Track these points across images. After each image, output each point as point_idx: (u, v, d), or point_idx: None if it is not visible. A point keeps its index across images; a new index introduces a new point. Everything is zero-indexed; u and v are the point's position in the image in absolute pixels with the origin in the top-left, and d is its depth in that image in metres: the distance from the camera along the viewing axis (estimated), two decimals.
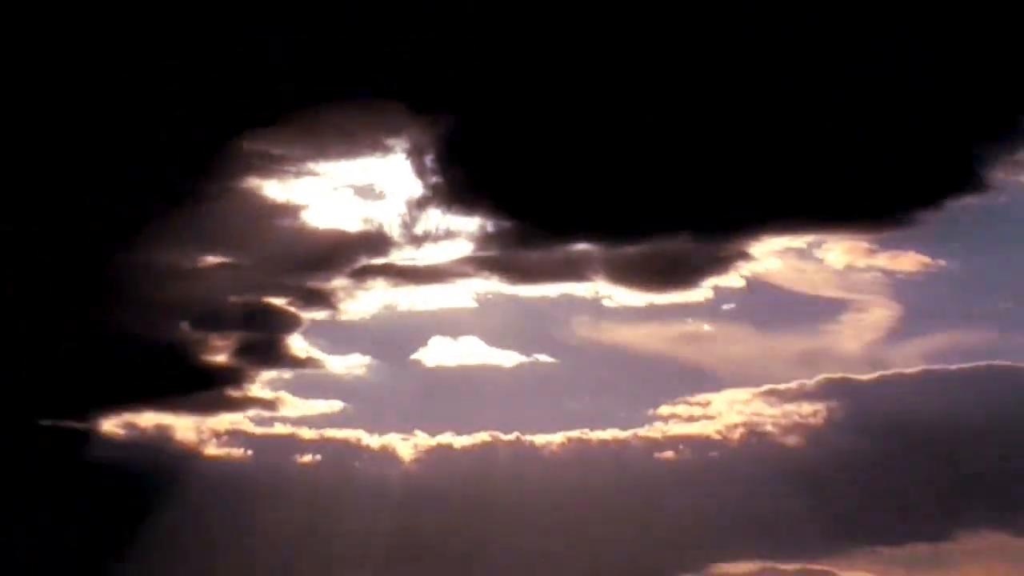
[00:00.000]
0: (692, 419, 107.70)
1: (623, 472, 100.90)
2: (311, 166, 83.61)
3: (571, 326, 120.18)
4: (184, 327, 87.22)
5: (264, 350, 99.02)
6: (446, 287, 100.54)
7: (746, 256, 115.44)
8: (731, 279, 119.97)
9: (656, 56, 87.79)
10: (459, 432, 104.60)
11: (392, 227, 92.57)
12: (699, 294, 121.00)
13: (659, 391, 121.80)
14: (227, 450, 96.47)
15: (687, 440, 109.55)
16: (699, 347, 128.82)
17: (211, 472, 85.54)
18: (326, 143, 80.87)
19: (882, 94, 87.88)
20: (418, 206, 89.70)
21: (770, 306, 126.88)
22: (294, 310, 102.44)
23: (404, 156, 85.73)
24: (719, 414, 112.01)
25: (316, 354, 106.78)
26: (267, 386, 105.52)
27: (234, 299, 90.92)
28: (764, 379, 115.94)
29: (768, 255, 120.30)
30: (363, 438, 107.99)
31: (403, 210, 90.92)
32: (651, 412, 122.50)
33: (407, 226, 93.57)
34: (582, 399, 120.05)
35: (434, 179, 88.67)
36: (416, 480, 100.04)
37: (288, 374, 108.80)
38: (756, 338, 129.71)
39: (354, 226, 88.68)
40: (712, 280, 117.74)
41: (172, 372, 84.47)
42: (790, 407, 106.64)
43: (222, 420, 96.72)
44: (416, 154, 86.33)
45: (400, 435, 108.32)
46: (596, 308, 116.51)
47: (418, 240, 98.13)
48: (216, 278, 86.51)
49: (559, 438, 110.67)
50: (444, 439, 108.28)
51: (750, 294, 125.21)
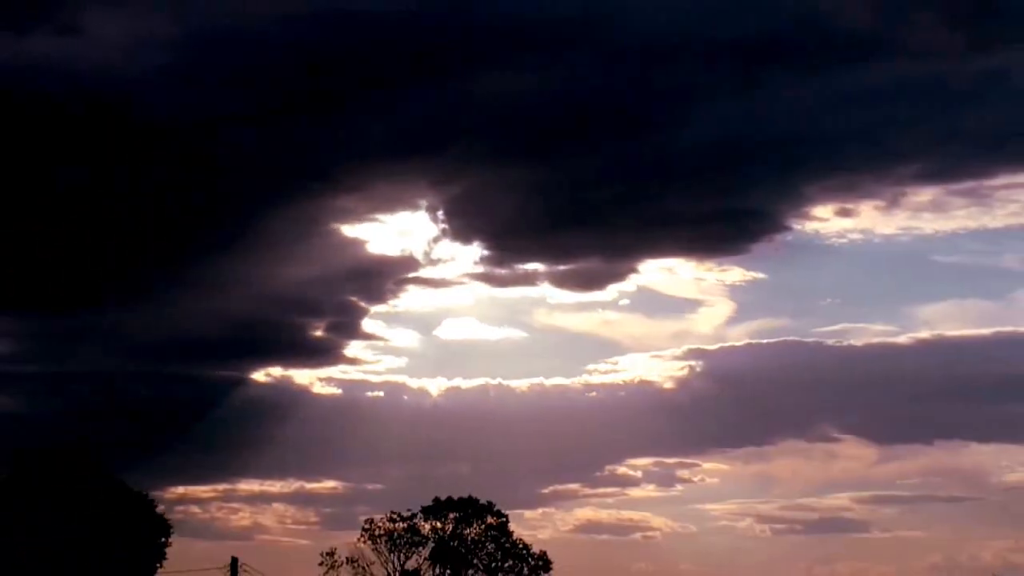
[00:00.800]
0: (607, 373, 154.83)
1: (566, 405, 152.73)
2: (371, 216, 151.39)
3: (530, 313, 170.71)
4: (297, 314, 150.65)
5: (347, 329, 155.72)
6: (453, 290, 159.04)
7: (636, 271, 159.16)
8: (628, 285, 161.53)
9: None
10: (465, 378, 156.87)
11: (419, 253, 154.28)
12: (607, 294, 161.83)
13: (586, 355, 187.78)
14: (327, 389, 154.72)
15: (604, 387, 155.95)
16: (610, 327, 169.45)
17: (317, 402, 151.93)
18: (380, 203, 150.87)
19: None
20: (434, 240, 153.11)
21: (652, 302, 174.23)
22: (363, 304, 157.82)
23: (425, 211, 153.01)
24: (624, 370, 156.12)
25: (378, 331, 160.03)
26: (350, 350, 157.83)
27: (326, 297, 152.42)
28: (651, 348, 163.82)
29: (651, 270, 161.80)
30: (407, 381, 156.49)
31: (425, 243, 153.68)
32: (582, 368, 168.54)
33: (428, 253, 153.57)
34: (539, 359, 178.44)
35: (443, 225, 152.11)
36: (439, 408, 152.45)
37: (362, 343, 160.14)
38: (645, 323, 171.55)
39: (395, 252, 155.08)
40: (615, 285, 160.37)
41: (292, 342, 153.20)
42: (667, 365, 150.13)
43: (323, 371, 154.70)
44: (432, 209, 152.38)
45: (429, 379, 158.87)
46: (544, 303, 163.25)
47: (435, 262, 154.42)
48: (315, 284, 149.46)
49: (525, 383, 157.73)
50: (455, 383, 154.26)
51: (639, 295, 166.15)
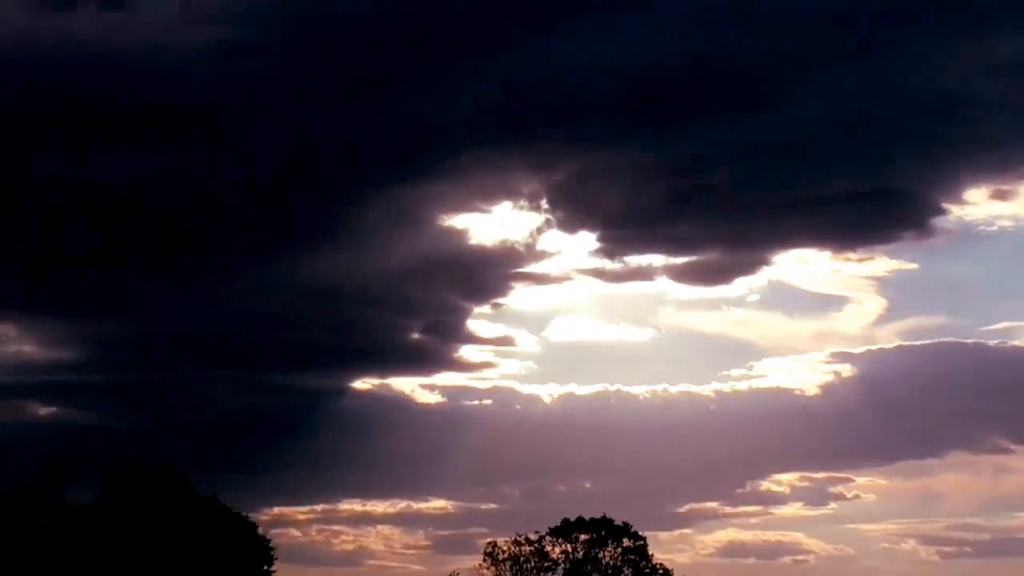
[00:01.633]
0: (740, 379, 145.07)
1: (697, 414, 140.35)
2: (468, 206, 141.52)
3: (650, 312, 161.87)
4: (393, 316, 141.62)
5: (449, 331, 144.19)
6: (562, 286, 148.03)
7: (768, 263, 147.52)
8: (758, 279, 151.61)
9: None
10: (579, 384, 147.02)
11: (523, 247, 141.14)
12: (733, 289, 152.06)
13: (717, 358, 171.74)
14: (430, 398, 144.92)
15: (739, 394, 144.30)
16: (743, 328, 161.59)
17: (420, 413, 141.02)
18: (476, 191, 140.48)
19: None
20: (538, 232, 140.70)
21: (788, 299, 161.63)
22: (466, 303, 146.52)
23: (527, 199, 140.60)
24: (761, 375, 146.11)
25: (483, 333, 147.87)
26: (453, 354, 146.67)
27: (424, 296, 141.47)
28: (791, 351, 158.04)
29: (785, 262, 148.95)
30: (516, 387, 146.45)
31: (529, 235, 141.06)
32: (713, 373, 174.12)
33: (532, 246, 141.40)
34: (663, 363, 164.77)
35: (548, 215, 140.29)
36: (553, 417, 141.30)
37: (466, 347, 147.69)
38: (784, 322, 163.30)
39: (497, 246, 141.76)
40: (743, 279, 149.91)
41: (390, 345, 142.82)
42: (811, 370, 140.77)
43: (424, 379, 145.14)
44: (535, 198, 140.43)
45: (540, 385, 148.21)
46: (663, 299, 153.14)
47: (540, 256, 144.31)
48: (411, 282, 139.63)
49: (646, 390, 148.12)
50: (568, 388, 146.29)
51: (771, 289, 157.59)
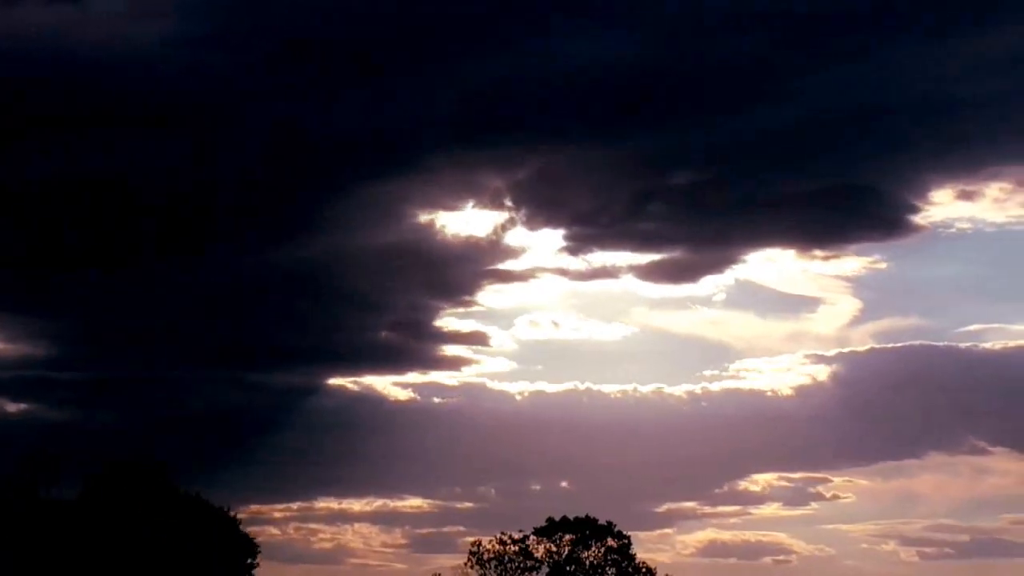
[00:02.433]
0: (712, 380, 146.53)
1: (671, 414, 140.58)
2: (434, 204, 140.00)
3: (621, 311, 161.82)
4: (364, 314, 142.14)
5: (419, 328, 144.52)
6: (529, 284, 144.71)
7: (741, 261, 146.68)
8: (725, 278, 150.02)
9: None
10: (550, 382, 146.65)
11: (489, 244, 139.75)
12: (700, 288, 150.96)
13: (688, 358, 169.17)
14: (402, 396, 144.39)
15: (713, 394, 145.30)
16: (715, 328, 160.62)
17: (392, 411, 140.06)
18: (442, 189, 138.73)
19: None
20: (503, 229, 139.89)
21: (759, 299, 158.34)
22: (435, 301, 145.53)
23: (493, 196, 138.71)
24: (736, 375, 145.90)
25: (453, 331, 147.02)
26: (423, 352, 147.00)
27: (394, 294, 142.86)
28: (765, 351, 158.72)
29: (755, 261, 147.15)
30: (489, 384, 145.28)
31: (495, 233, 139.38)
32: (685, 372, 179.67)
33: (497, 243, 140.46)
34: (633, 362, 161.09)
35: (514, 212, 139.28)
36: (525, 415, 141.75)
37: (436, 345, 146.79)
38: (757, 323, 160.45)
39: (464, 243, 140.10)
40: (712, 278, 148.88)
41: (361, 343, 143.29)
42: (786, 371, 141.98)
43: (396, 377, 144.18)
44: (501, 195, 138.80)
45: (511, 384, 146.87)
46: (632, 298, 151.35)
47: (507, 253, 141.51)
48: (381, 280, 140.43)
49: (617, 389, 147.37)
50: (538, 386, 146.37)
51: (739, 289, 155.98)
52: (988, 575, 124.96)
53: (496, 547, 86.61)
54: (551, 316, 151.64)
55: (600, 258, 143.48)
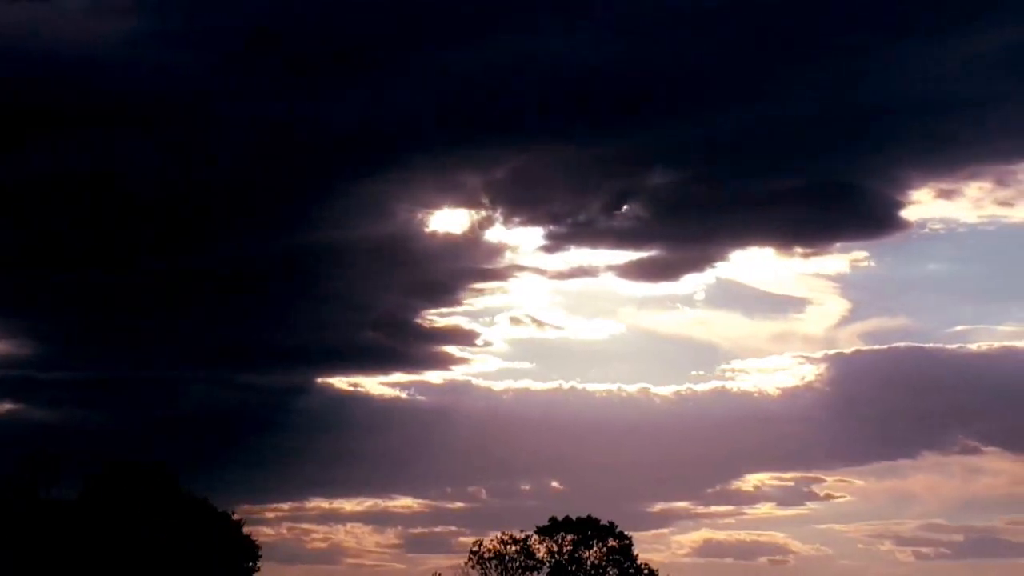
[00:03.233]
0: (697, 381, 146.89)
1: (658, 414, 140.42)
2: (412, 203, 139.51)
3: (604, 310, 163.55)
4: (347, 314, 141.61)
5: (403, 328, 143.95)
6: (509, 283, 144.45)
7: (725, 259, 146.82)
8: (707, 276, 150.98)
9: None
10: (534, 380, 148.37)
11: (468, 243, 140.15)
12: (681, 286, 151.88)
13: (674, 358, 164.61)
14: (388, 394, 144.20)
15: (698, 395, 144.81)
16: (703, 328, 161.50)
17: (380, 410, 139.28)
18: (419, 187, 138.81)
19: None
20: (481, 227, 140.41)
21: (743, 298, 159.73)
22: (418, 301, 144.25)
23: (470, 195, 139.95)
24: (724, 376, 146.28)
25: (436, 330, 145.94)
26: (409, 352, 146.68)
27: (376, 295, 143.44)
28: (753, 351, 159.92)
29: (739, 260, 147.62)
30: (473, 381, 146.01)
31: (474, 231, 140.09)
32: (670, 372, 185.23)
33: (476, 242, 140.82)
34: (621, 361, 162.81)
35: (491, 211, 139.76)
36: (515, 414, 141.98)
37: (421, 344, 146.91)
38: (745, 323, 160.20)
39: (443, 242, 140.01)
40: (693, 276, 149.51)
41: (347, 344, 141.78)
42: (776, 371, 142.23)
43: (382, 377, 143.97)
44: (478, 193, 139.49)
45: (497, 382, 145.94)
46: (614, 296, 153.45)
47: (486, 252, 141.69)
48: (362, 281, 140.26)
49: (603, 388, 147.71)
50: (523, 384, 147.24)
51: (720, 288, 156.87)
52: (984, 575, 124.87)
53: (497, 546, 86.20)
54: (535, 315, 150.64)
55: (581, 257, 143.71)
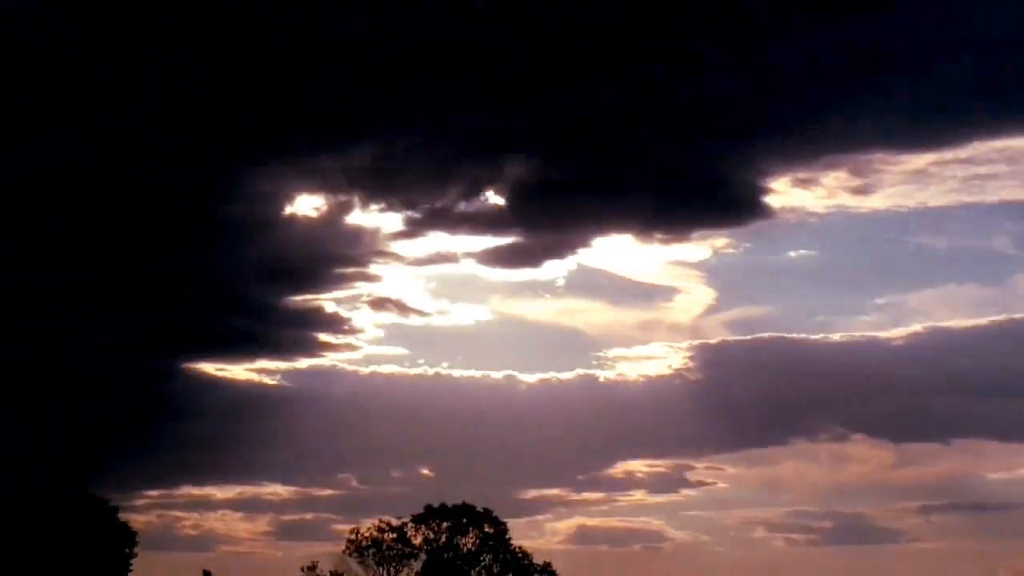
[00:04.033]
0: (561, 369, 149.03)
1: (525, 401, 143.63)
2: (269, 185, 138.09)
3: (469, 297, 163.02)
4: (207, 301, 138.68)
5: (268, 315, 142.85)
6: (370, 269, 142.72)
7: (587, 245, 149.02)
8: (568, 263, 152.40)
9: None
10: (401, 367, 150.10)
11: (327, 228, 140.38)
12: (542, 272, 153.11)
13: (536, 344, 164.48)
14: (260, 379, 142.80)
15: (563, 383, 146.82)
16: (567, 316, 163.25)
17: (241, 390, 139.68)
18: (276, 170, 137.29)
19: None
20: (340, 212, 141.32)
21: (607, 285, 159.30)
22: (279, 287, 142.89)
23: (327, 179, 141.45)
24: (589, 363, 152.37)
25: (301, 316, 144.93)
26: (275, 338, 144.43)
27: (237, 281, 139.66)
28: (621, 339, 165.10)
29: (600, 246, 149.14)
30: (338, 366, 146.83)
31: (332, 216, 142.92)
32: (528, 358, 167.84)
33: (335, 227, 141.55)
34: (487, 348, 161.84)
35: (348, 196, 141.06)
36: (382, 400, 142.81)
37: (285, 330, 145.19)
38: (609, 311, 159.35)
39: (304, 226, 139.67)
40: (556, 263, 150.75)
41: (214, 331, 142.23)
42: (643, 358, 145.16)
43: (249, 363, 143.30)
44: (334, 177, 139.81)
45: (364, 367, 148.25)
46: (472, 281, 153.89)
47: (343, 237, 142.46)
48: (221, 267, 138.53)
49: (473, 374, 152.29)
50: (387, 369, 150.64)
51: (583, 274, 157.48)
52: (854, 560, 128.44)
53: (374, 534, 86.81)
54: (399, 301, 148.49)
55: (442, 243, 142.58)
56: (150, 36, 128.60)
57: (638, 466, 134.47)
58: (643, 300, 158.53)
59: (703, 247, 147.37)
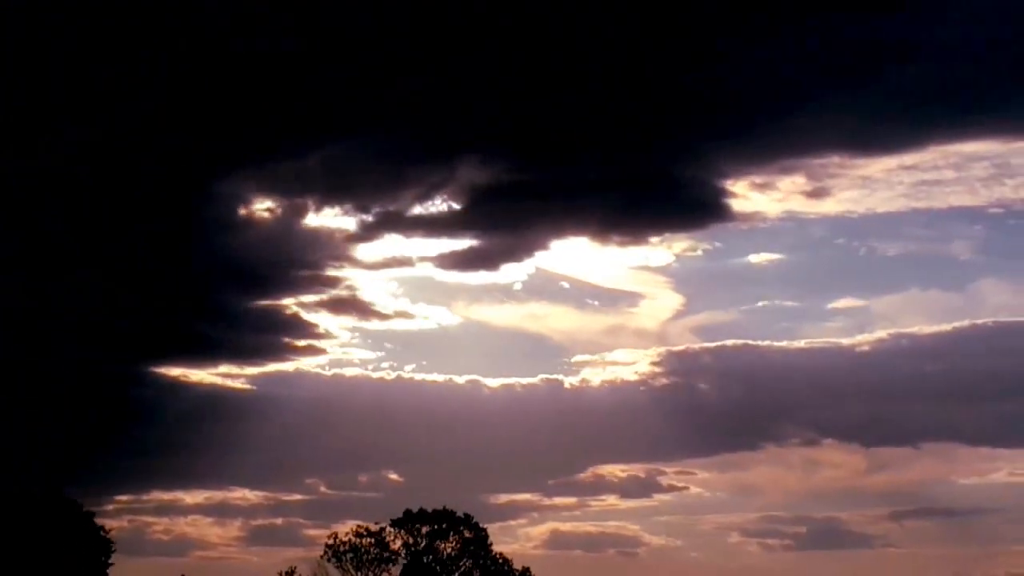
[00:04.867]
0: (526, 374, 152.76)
1: (490, 406, 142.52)
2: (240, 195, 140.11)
3: (427, 300, 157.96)
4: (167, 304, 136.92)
5: (226, 319, 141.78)
6: (327, 272, 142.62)
7: (545, 248, 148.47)
8: (527, 266, 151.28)
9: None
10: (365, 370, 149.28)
11: (278, 231, 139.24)
12: (501, 276, 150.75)
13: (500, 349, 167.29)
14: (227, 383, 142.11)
15: (530, 387, 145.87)
16: (531, 320, 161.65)
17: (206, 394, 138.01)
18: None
19: None
20: (294, 215, 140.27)
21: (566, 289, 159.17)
22: (248, 292, 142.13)
23: (274, 181, 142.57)
24: (556, 369, 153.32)
25: (258, 319, 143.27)
26: (233, 342, 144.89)
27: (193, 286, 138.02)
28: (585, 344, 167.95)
29: (557, 249, 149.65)
30: (303, 370, 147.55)
31: (285, 219, 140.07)
32: (492, 363, 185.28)
33: (288, 230, 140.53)
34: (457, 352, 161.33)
35: (300, 199, 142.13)
36: (347, 404, 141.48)
37: (244, 334, 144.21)
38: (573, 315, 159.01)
39: (258, 231, 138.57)
40: (514, 266, 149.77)
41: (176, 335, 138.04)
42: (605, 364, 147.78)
43: (212, 368, 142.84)
44: (282, 179, 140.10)
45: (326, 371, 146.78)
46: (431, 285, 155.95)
47: (297, 241, 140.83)
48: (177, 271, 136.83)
49: (437, 378, 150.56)
50: (347, 372, 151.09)
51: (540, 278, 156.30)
52: (828, 564, 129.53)
53: (352, 539, 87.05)
54: (362, 304, 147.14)
55: (401, 246, 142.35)
56: (107, 38, 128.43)
57: (609, 471, 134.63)
58: (607, 305, 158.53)
59: (662, 250, 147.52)
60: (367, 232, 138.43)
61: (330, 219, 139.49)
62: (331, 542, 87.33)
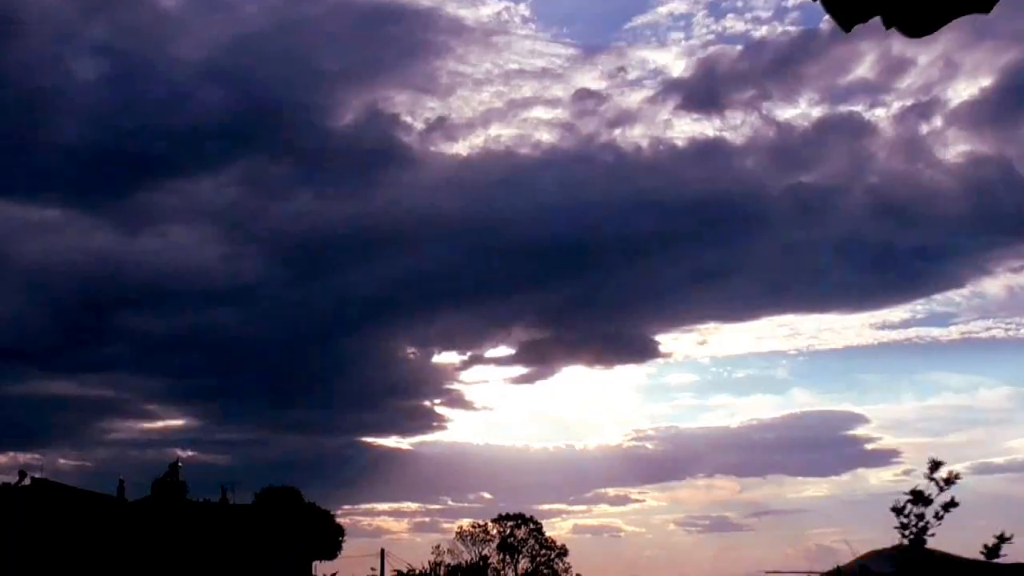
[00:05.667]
0: None
1: None
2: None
3: None
4: None
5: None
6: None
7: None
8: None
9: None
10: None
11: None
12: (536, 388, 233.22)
13: None
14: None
15: None
16: None
17: (388, 451, 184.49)
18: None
19: None
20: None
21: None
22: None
23: None
24: None
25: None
26: None
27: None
28: None
29: None
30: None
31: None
32: None
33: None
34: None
35: None
36: None
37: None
38: None
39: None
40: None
41: None
42: None
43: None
44: None
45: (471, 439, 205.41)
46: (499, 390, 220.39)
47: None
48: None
49: None
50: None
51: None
52: (721, 541, 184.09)
53: (469, 529, 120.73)
54: (466, 402, 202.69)
55: (483, 373, 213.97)
56: None
57: (604, 490, 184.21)
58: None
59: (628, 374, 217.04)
60: (464, 365, 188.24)
61: (445, 358, 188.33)
62: (458, 531, 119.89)
